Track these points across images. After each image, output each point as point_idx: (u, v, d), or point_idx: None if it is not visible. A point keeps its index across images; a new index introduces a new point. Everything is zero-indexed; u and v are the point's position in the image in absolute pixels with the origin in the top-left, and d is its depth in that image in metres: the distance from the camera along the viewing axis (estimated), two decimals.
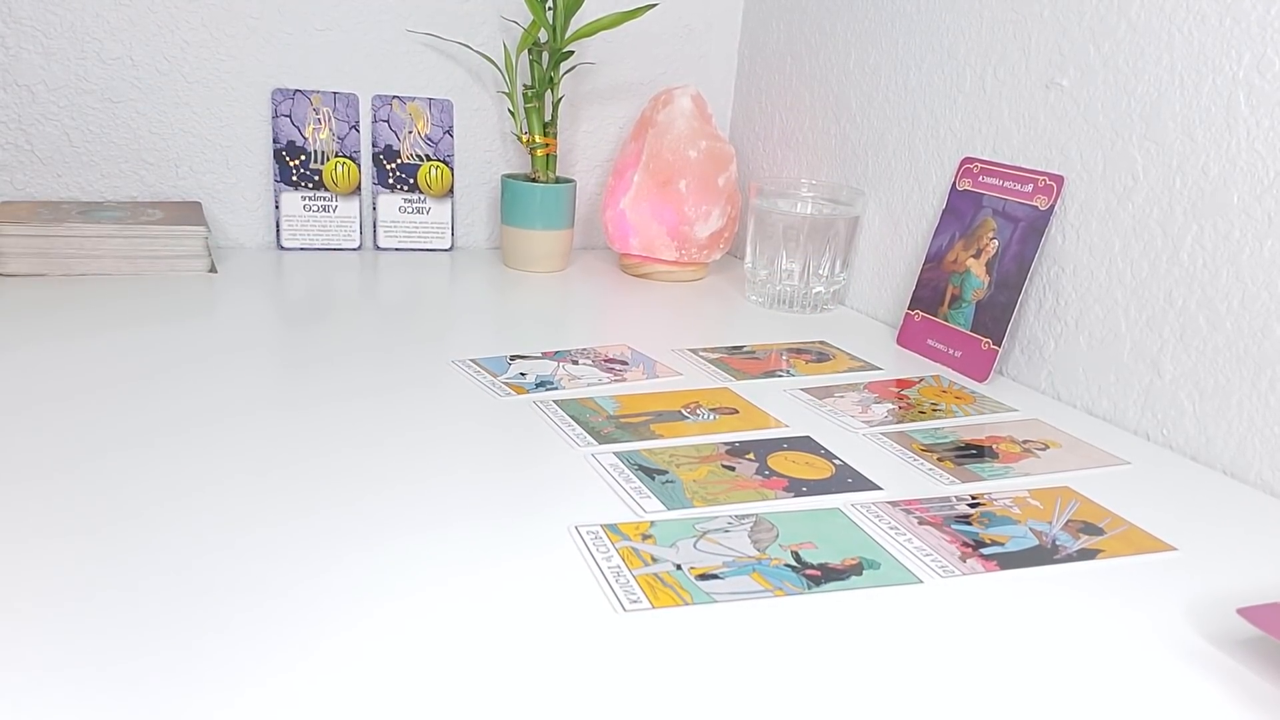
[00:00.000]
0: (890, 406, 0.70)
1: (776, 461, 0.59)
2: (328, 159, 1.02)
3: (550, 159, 1.02)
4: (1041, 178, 0.75)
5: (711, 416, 0.65)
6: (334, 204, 1.03)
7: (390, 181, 1.05)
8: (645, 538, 0.48)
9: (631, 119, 1.13)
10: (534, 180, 1.02)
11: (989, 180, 0.80)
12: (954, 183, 0.83)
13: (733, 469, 0.57)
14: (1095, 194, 0.72)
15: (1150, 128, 0.68)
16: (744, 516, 0.52)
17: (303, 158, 1.01)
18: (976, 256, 0.80)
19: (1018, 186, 0.77)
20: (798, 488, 0.55)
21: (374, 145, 1.04)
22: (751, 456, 0.59)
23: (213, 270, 0.91)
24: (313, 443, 0.57)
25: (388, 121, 1.04)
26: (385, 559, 0.45)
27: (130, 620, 0.39)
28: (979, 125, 0.82)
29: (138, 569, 0.43)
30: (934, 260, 0.84)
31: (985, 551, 0.50)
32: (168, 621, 0.39)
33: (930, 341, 0.83)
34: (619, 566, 0.46)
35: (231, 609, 0.40)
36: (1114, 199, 0.70)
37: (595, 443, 0.59)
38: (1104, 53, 0.71)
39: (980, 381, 0.76)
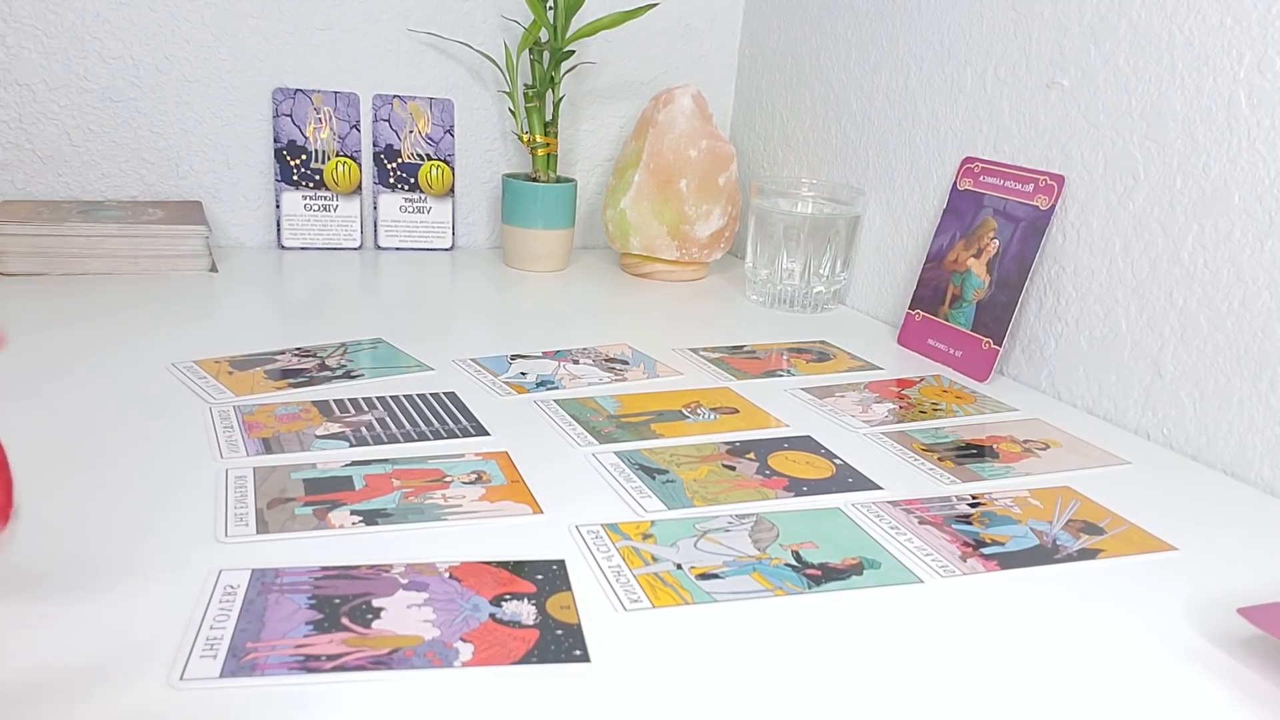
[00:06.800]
0: (891, 406, 0.70)
1: (777, 461, 0.59)
2: (328, 158, 1.02)
3: (551, 158, 1.02)
4: (1042, 177, 0.75)
5: (712, 416, 0.65)
6: (335, 203, 1.03)
7: (391, 181, 1.05)
8: (646, 537, 0.48)
9: (632, 118, 1.13)
10: (535, 180, 1.02)
11: (990, 180, 0.80)
12: (955, 182, 0.83)
13: (733, 468, 0.57)
14: (1096, 194, 0.72)
15: (1151, 127, 0.68)
16: (744, 516, 0.52)
17: (303, 157, 1.01)
18: (977, 256, 0.80)
19: (1018, 186, 0.77)
20: (798, 487, 0.55)
21: (375, 144, 1.04)
22: (752, 456, 0.59)
23: (213, 270, 0.91)
24: None
25: (388, 121, 1.04)
26: (388, 558, 0.45)
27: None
28: (979, 125, 0.82)
29: (134, 567, 0.43)
30: (935, 260, 0.84)
31: (986, 551, 0.50)
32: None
33: (931, 341, 0.83)
34: (619, 566, 0.46)
35: None
36: (1115, 199, 0.70)
37: (596, 442, 0.59)
38: (1104, 52, 0.71)
39: (981, 381, 0.77)
